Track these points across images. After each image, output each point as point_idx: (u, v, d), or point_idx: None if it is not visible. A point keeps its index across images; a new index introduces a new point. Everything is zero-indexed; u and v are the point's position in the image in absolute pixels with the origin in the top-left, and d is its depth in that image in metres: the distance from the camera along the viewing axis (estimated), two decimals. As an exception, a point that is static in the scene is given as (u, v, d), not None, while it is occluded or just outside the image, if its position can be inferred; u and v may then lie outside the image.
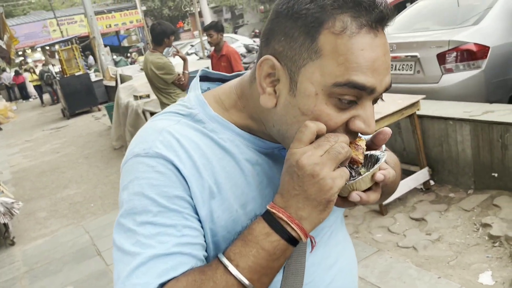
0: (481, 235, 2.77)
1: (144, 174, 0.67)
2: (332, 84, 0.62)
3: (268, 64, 0.67)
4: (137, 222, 0.65)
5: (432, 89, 4.00)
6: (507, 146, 2.95)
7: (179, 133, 0.70)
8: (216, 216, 0.69)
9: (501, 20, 4.03)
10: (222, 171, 0.71)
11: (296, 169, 0.62)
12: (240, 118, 0.75)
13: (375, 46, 0.63)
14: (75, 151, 7.94)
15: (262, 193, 0.74)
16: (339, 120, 0.65)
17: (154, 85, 4.21)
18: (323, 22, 0.62)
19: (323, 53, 0.62)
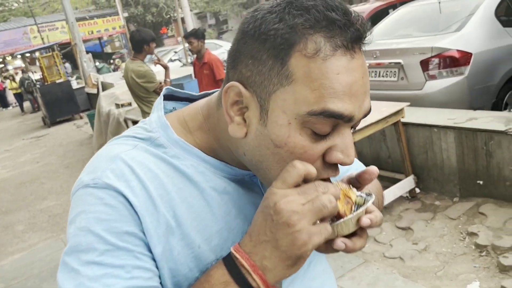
0: (468, 244, 2.75)
1: (92, 208, 0.59)
2: (306, 112, 0.56)
3: (234, 91, 0.61)
4: (81, 261, 0.58)
5: (416, 95, 4.00)
6: (492, 154, 2.94)
7: (134, 160, 0.63)
8: (176, 253, 0.62)
9: (482, 27, 4.05)
10: (182, 203, 0.63)
11: (272, 212, 0.54)
12: (205, 141, 0.68)
13: (352, 69, 0.56)
14: (56, 160, 7.76)
15: (230, 225, 0.66)
16: (315, 151, 0.58)
17: (135, 94, 4.12)
18: (293, 44, 0.56)
19: (295, 78, 0.56)
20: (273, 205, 0.54)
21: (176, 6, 8.18)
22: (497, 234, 2.70)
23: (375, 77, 4.42)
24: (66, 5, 13.34)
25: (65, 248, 0.61)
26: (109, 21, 23.42)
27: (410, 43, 4.21)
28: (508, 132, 2.82)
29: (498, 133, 2.88)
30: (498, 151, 2.90)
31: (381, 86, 4.34)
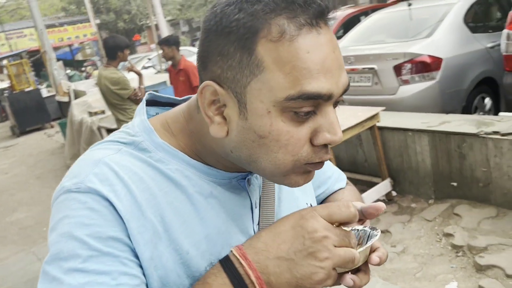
0: (444, 245, 2.80)
1: (75, 212, 0.57)
2: (284, 98, 0.55)
3: (209, 91, 0.59)
4: (63, 269, 0.54)
5: (390, 100, 4.07)
6: (465, 156, 3.01)
7: (118, 164, 0.61)
8: (165, 260, 0.59)
9: (452, 33, 4.17)
10: (169, 207, 0.61)
11: (306, 237, 0.54)
12: (189, 145, 0.67)
13: (321, 44, 0.55)
14: (26, 171, 7.52)
15: (219, 229, 0.65)
16: (301, 135, 0.57)
17: (109, 101, 4.04)
18: (257, 30, 0.54)
19: (265, 65, 0.55)
20: (311, 231, 0.54)
21: (150, 13, 8.11)
22: (472, 235, 2.76)
23: (351, 83, 4.45)
24: (35, 12, 13.04)
25: (46, 257, 0.57)
26: (80, 28, 22.99)
27: (383, 49, 4.29)
28: (479, 135, 2.90)
29: (470, 136, 2.95)
30: (470, 153, 2.98)
31: (356, 91, 4.41)
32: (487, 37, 4.33)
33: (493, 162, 2.88)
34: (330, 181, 0.92)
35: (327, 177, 0.92)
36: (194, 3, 30.27)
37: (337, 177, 0.95)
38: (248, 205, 0.70)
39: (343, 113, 3.35)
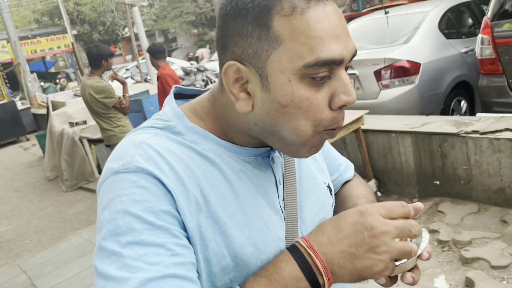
0: (430, 241, 2.89)
1: (126, 191, 0.61)
2: (302, 66, 0.60)
3: (232, 70, 0.65)
4: (122, 243, 0.58)
5: (372, 104, 4.19)
6: (446, 155, 3.13)
7: (159, 145, 0.66)
8: (204, 230, 0.64)
9: (428, 39, 4.34)
10: (207, 183, 0.67)
11: (366, 233, 0.59)
12: (217, 126, 0.73)
13: (329, 14, 0.61)
14: (3, 184, 7.34)
15: (251, 203, 0.70)
16: (320, 100, 0.62)
17: (93, 110, 4.02)
18: (271, 8, 0.60)
19: (282, 38, 0.60)
20: (370, 228, 0.59)
21: (129, 23, 8.10)
22: (456, 230, 2.87)
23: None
24: (8, 23, 12.84)
25: (101, 234, 0.61)
26: (54, 40, 22.62)
27: (363, 55, 4.42)
28: (460, 134, 3.03)
29: (451, 136, 3.08)
30: (452, 152, 3.10)
31: (338, 96, 4.51)
32: (461, 43, 4.53)
33: (474, 160, 3.00)
34: (341, 168, 0.99)
35: (338, 164, 0.99)
36: (169, 14, 30.24)
37: (346, 165, 1.02)
38: (273, 181, 0.75)
39: (329, 117, 3.45)
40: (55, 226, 4.88)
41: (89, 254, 3.94)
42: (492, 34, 3.58)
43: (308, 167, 0.83)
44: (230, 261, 0.66)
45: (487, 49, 3.65)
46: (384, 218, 0.60)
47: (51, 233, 4.71)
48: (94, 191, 5.67)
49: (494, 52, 3.60)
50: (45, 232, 4.77)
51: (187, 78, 9.39)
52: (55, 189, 6.30)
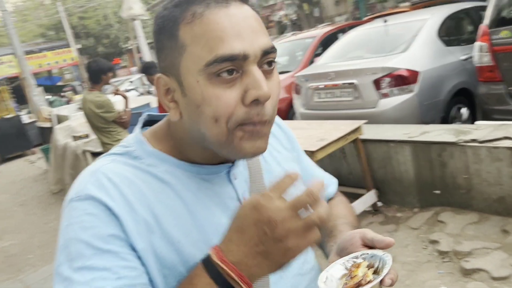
0: (431, 251, 2.86)
1: (77, 219, 0.65)
2: (203, 65, 0.63)
3: (160, 82, 0.71)
4: (73, 269, 0.62)
5: (371, 113, 4.18)
6: (445, 164, 3.11)
7: (111, 172, 0.69)
8: (159, 250, 0.67)
9: (427, 47, 4.34)
10: (159, 204, 0.69)
11: (265, 227, 0.58)
12: (174, 146, 0.75)
13: (230, 15, 0.64)
14: (8, 199, 7.39)
15: (209, 220, 0.72)
16: (231, 97, 0.64)
17: (93, 125, 4.05)
18: (177, 19, 0.66)
19: (186, 44, 0.65)
20: (268, 221, 0.57)
21: (131, 36, 8.16)
22: (457, 240, 2.84)
23: (332, 98, 4.59)
24: (14, 38, 12.99)
25: (57, 261, 0.65)
26: (60, 54, 22.88)
27: (362, 64, 4.42)
28: (458, 143, 3.01)
29: (449, 144, 3.06)
30: (451, 161, 3.08)
31: (338, 106, 4.51)
32: (460, 50, 4.51)
33: (473, 169, 2.98)
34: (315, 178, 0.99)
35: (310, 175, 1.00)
36: (173, 26, 30.47)
37: (328, 182, 1.04)
38: (235, 197, 0.77)
39: (325, 127, 3.44)
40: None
41: (91, 269, 3.93)
42: (490, 42, 3.57)
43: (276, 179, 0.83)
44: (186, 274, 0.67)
45: (485, 56, 3.64)
46: (277, 199, 0.58)
47: (54, 247, 4.69)
48: (97, 204, 5.69)
49: (492, 60, 3.59)
50: (48, 247, 4.78)
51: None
52: (60, 203, 6.32)
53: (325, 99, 4.68)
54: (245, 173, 0.80)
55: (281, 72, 6.68)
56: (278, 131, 0.95)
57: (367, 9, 21.55)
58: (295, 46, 7.36)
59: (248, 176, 0.80)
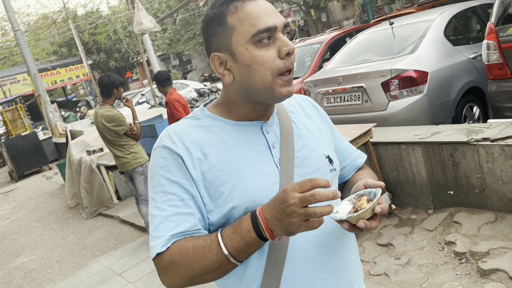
0: (447, 253, 2.83)
1: (156, 160, 1.01)
2: (250, 37, 0.95)
3: (215, 58, 1.01)
4: (154, 192, 0.99)
5: (381, 116, 4.17)
6: (458, 164, 3.08)
7: (178, 128, 1.04)
8: (206, 176, 0.99)
9: (434, 47, 4.31)
10: (208, 146, 1.00)
11: (283, 206, 0.85)
12: (224, 110, 1.07)
13: (259, 4, 0.97)
14: (27, 214, 7.52)
15: (242, 157, 1.01)
16: (271, 55, 0.96)
17: (106, 139, 4.11)
18: (223, 12, 0.98)
19: (235, 26, 0.96)
20: (285, 201, 0.85)
21: (140, 50, 8.29)
22: (473, 241, 2.80)
23: (341, 102, 4.59)
24: (27, 57, 13.26)
25: (148, 188, 1.03)
26: (73, 70, 23.26)
27: (370, 67, 4.42)
28: (470, 142, 2.98)
29: (461, 144, 3.03)
30: (463, 161, 3.05)
31: (348, 110, 4.51)
32: (469, 49, 4.47)
33: (486, 168, 2.95)
34: (352, 156, 1.28)
35: (349, 153, 1.28)
36: (182, 37, 30.80)
37: (358, 154, 1.31)
38: (266, 145, 1.05)
39: (337, 132, 3.44)
40: (76, 254, 4.96)
41: (108, 281, 3.98)
42: (498, 39, 3.54)
43: (306, 141, 1.11)
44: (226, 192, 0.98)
45: (494, 54, 3.61)
46: (297, 192, 0.84)
47: (72, 261, 4.79)
48: (113, 217, 5.76)
49: (501, 57, 3.55)
50: (66, 261, 4.85)
51: (201, 99, 9.50)
52: (76, 217, 6.42)
53: (334, 104, 4.67)
54: (277, 131, 1.08)
55: (290, 79, 6.70)
56: (311, 109, 1.22)
57: (374, 11, 21.50)
58: (303, 52, 7.39)
59: (279, 133, 1.08)
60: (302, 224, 0.85)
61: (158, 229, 0.95)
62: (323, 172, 1.09)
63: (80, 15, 28.28)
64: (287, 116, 1.13)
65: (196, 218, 0.97)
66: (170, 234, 0.93)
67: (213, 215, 0.99)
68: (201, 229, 0.97)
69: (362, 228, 0.89)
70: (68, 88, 29.00)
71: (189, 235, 0.95)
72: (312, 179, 0.85)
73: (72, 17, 25.38)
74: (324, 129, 1.20)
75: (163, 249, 0.93)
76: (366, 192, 0.97)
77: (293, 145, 1.07)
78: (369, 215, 0.91)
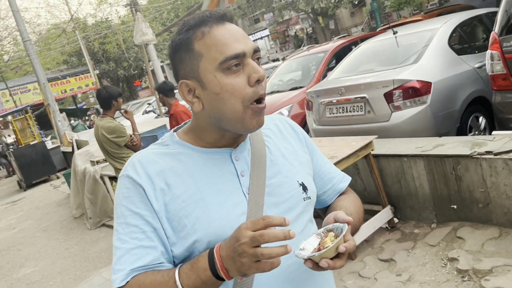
0: (450, 270, 2.75)
1: (120, 190, 0.98)
2: (218, 64, 0.92)
3: (183, 86, 0.98)
4: (118, 223, 0.96)
5: (384, 127, 4.10)
6: (461, 178, 3.01)
7: (143, 156, 1.00)
8: (169, 208, 0.94)
9: (438, 57, 4.25)
10: (172, 176, 0.96)
11: (236, 245, 0.81)
12: (193, 137, 1.04)
13: (227, 29, 0.95)
14: (32, 225, 7.54)
15: (208, 187, 0.97)
16: (241, 83, 0.92)
17: (106, 151, 4.10)
18: (191, 38, 0.95)
19: (202, 52, 0.94)
20: (237, 240, 0.81)
21: (145, 60, 8.33)
22: (477, 257, 2.72)
23: (343, 113, 4.54)
24: (37, 67, 13.41)
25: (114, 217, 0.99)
26: (82, 79, 23.54)
27: (373, 78, 4.36)
28: (473, 156, 2.91)
29: (464, 157, 2.96)
30: (466, 174, 2.98)
31: (350, 121, 4.45)
32: (474, 58, 4.40)
33: (490, 182, 2.87)
34: (334, 180, 1.22)
35: (331, 177, 1.22)
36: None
37: (341, 178, 1.24)
38: (235, 173, 1.01)
39: (336, 144, 3.38)
40: (78, 266, 4.94)
41: (108, 295, 3.95)
42: (501, 49, 3.46)
43: (279, 167, 1.07)
44: (189, 225, 0.93)
45: (498, 64, 3.53)
46: (250, 230, 0.80)
47: (74, 273, 4.77)
48: (116, 228, 5.73)
49: (505, 68, 3.47)
50: (68, 273, 4.83)
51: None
52: (80, 227, 6.41)
53: (336, 114, 4.62)
54: (248, 158, 1.04)
55: (294, 88, 6.67)
56: (289, 131, 1.18)
57: (382, 18, 21.44)
58: (308, 61, 7.35)
59: (249, 160, 1.03)
60: (253, 265, 0.80)
61: (120, 262, 0.92)
62: (296, 201, 1.04)
63: (90, 25, 28.63)
64: (261, 140, 1.08)
65: (158, 251, 0.93)
66: (130, 269, 0.90)
67: (176, 248, 0.95)
68: (163, 262, 0.93)
69: (325, 267, 0.84)
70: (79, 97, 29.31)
71: (150, 269, 0.92)
72: (265, 216, 0.81)
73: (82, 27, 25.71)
74: (301, 153, 1.15)
75: (122, 284, 0.90)
76: (334, 226, 0.92)
77: (265, 172, 1.03)
78: (333, 254, 0.86)
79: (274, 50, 30.95)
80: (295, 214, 1.03)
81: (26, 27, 13.73)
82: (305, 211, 1.06)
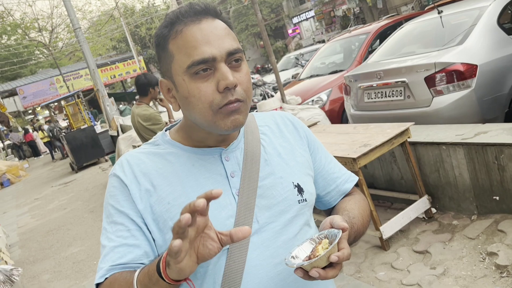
0: (488, 265, 2.61)
1: (108, 189, 0.98)
2: (186, 68, 0.88)
3: (162, 84, 0.97)
4: (106, 222, 0.95)
5: (424, 113, 3.92)
6: (504, 168, 2.82)
7: (131, 156, 0.99)
8: (155, 209, 0.92)
9: (486, 37, 3.97)
10: (159, 177, 0.94)
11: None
12: (184, 136, 1.01)
13: (201, 28, 0.88)
14: (81, 206, 7.93)
15: (194, 189, 0.93)
16: (209, 88, 0.88)
17: (143, 138, 4.19)
18: (166, 36, 0.91)
19: (174, 53, 0.90)
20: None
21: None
22: (518, 253, 2.56)
23: (382, 98, 4.37)
24: (87, 53, 13.89)
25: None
26: (130, 64, 24.22)
27: (413, 61, 4.15)
28: (518, 144, 2.71)
29: (507, 146, 2.77)
30: (510, 164, 2.78)
31: (389, 106, 4.29)
32: (526, 37, 4.07)
33: (536, 172, 2.67)
34: (339, 181, 1.14)
35: (335, 177, 1.14)
36: (235, 29, 30.95)
37: (346, 178, 1.16)
38: (224, 174, 0.97)
39: (371, 131, 3.27)
40: (120, 247, 5.14)
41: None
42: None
43: (273, 168, 1.01)
44: None
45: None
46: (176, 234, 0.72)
47: (116, 254, 4.96)
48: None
49: (559, 48, 3.18)
50: (111, 253, 5.03)
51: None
52: (124, 209, 6.66)
53: (375, 100, 4.46)
54: (240, 157, 0.99)
55: (334, 72, 6.50)
56: (289, 128, 1.11)
57: (434, -5, 20.35)
58: (350, 43, 7.14)
59: (242, 160, 0.98)
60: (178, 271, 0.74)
61: (104, 260, 0.91)
62: (289, 204, 0.98)
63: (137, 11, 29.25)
64: (256, 138, 1.02)
65: (141, 250, 0.91)
66: (109, 265, 0.89)
67: (162, 249, 0.91)
68: (144, 262, 0.91)
69: (315, 277, 0.78)
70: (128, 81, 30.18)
71: (129, 268, 0.89)
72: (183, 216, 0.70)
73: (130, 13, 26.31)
74: (300, 152, 1.08)
75: (101, 280, 0.90)
76: (329, 233, 0.86)
77: (257, 173, 0.98)
78: (324, 264, 0.80)
79: (319, 31, 30.32)
80: (288, 217, 0.97)
81: (78, 15, 14.24)
82: (299, 214, 0.99)
